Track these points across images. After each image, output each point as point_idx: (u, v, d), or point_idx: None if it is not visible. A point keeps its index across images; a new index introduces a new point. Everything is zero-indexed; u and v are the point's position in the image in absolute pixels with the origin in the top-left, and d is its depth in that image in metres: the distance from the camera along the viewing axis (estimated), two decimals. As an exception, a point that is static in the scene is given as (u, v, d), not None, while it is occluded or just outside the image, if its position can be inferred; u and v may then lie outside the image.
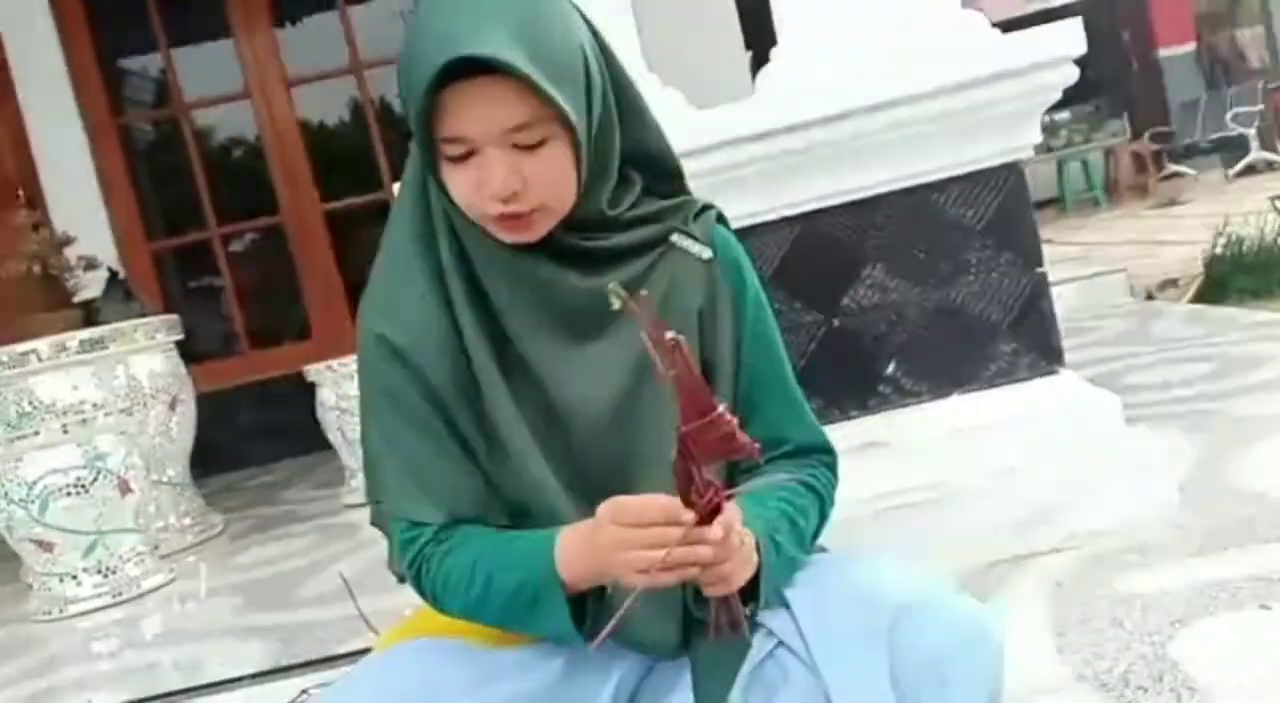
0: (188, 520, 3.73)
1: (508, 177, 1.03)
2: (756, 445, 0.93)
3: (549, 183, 1.05)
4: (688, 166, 1.23)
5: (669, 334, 0.89)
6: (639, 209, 1.16)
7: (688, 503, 0.95)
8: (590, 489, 1.10)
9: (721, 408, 0.91)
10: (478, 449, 1.13)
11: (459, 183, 1.06)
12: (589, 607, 1.07)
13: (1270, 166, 10.02)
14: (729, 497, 0.97)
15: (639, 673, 1.16)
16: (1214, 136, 11.18)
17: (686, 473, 0.94)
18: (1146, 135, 12.15)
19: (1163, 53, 12.93)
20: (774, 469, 1.19)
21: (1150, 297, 5.21)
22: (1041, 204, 10.60)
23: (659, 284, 1.15)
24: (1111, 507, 2.13)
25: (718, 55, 2.90)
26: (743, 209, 2.11)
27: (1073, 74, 2.11)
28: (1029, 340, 2.23)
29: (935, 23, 2.18)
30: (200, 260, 6.43)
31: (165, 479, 3.64)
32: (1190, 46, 13.00)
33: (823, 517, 1.21)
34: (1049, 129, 11.96)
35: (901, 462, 2.18)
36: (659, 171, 1.19)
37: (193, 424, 3.83)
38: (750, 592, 1.07)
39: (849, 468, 2.10)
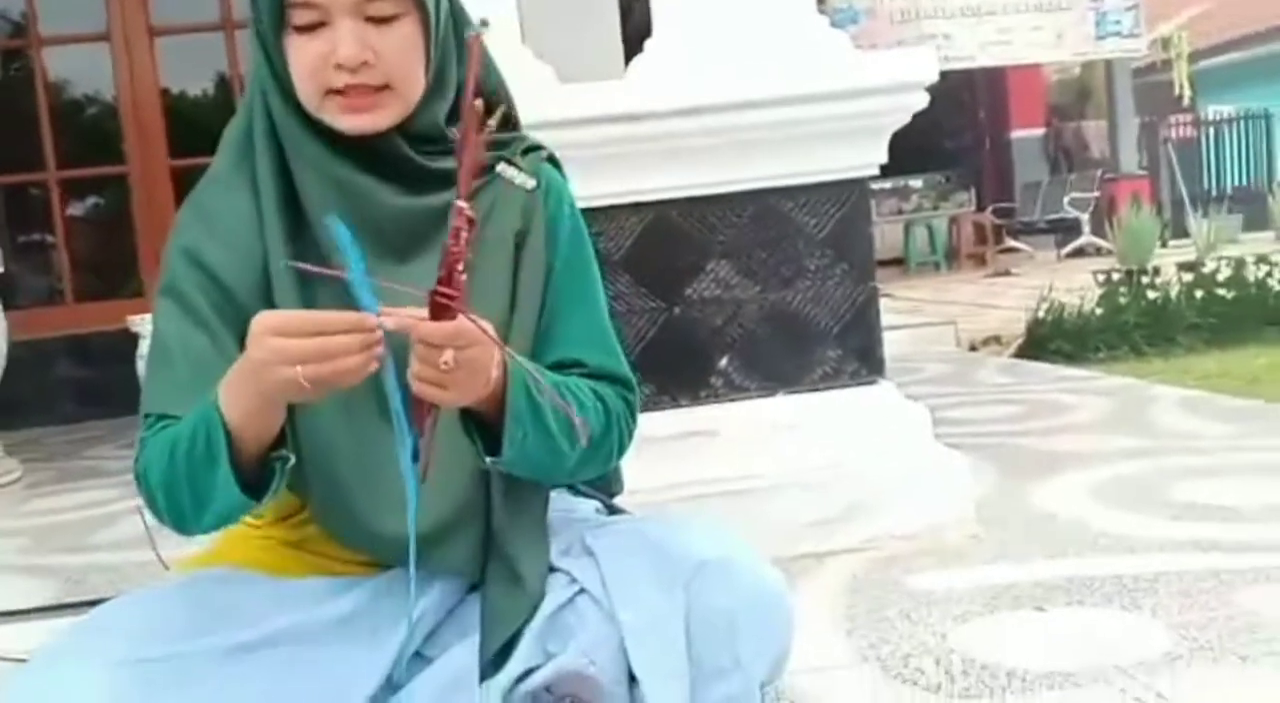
0: (-19, 463, 3.53)
1: (357, 45, 1.02)
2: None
3: (399, 60, 1.05)
4: (549, 138, 1.23)
5: (467, 210, 0.94)
6: None
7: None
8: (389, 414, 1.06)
9: (441, 289, 0.93)
10: None
11: (303, 55, 1.04)
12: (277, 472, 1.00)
13: (1098, 251, 10.64)
14: (470, 317, 0.95)
15: (437, 616, 1.15)
16: (1051, 217, 11.85)
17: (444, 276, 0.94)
18: (990, 209, 12.81)
19: (1014, 135, 13.65)
20: None
21: (974, 348, 5.49)
22: (886, 263, 11.01)
23: (479, 210, 1.10)
24: (913, 513, 2.23)
25: (593, 43, 2.93)
26: (600, 189, 2.14)
27: (923, 100, 2.23)
28: (854, 349, 2.32)
29: (802, 34, 2.27)
30: (33, 215, 6.10)
31: (-38, 417, 3.45)
32: (1039, 132, 13.77)
33: (608, 430, 1.14)
34: (901, 194, 12.53)
35: (723, 452, 2.24)
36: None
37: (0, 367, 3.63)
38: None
39: (674, 453, 2.19)
